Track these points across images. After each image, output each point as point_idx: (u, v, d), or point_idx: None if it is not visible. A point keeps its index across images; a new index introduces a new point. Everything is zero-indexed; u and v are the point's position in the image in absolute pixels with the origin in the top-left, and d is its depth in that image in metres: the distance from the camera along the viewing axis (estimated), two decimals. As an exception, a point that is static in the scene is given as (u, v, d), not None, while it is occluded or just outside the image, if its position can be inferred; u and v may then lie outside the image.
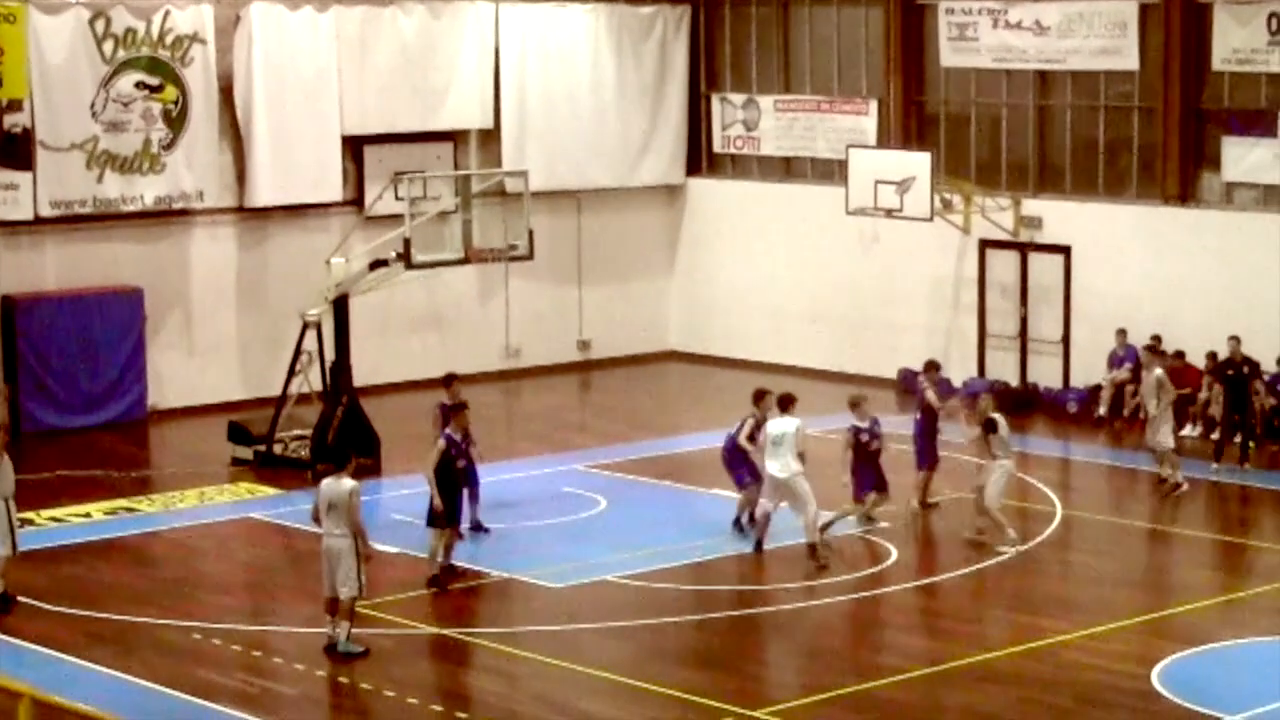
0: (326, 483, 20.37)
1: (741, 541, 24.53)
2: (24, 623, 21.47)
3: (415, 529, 23.81)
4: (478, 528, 24.62)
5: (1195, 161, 32.10)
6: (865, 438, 24.72)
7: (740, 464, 24.89)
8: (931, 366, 27.07)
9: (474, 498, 24.53)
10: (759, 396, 24.86)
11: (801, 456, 23.56)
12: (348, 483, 20.22)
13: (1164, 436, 27.11)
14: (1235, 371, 28.64)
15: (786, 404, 24.09)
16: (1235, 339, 28.89)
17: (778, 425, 23.74)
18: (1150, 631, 21.00)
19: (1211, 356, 30.68)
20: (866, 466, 24.76)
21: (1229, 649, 20.56)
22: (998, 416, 24.69)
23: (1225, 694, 18.93)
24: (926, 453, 26.21)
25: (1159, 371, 27.63)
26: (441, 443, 22.79)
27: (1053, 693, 19.17)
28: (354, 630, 20.30)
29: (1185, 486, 26.99)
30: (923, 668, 19.93)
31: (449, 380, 25.55)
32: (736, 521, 24.97)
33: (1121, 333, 31.89)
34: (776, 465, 23.60)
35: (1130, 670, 19.64)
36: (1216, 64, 31.49)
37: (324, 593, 20.51)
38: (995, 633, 21.07)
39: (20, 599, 21.91)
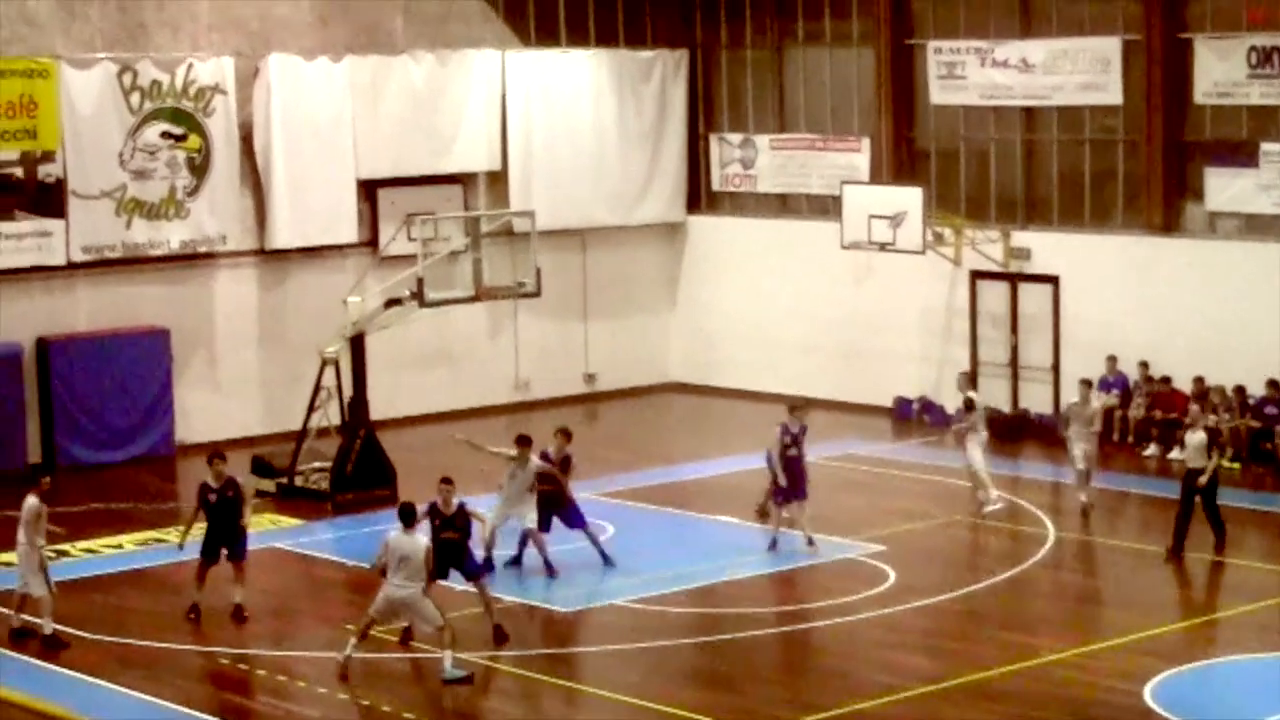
0: (396, 537, 20.33)
1: (752, 561, 24.59)
2: (59, 647, 21.47)
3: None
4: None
5: (1179, 192, 32.07)
6: (787, 440, 24.94)
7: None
8: (795, 407, 26.00)
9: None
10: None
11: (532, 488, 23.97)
12: (422, 540, 20.38)
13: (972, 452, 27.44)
14: None
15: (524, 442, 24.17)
16: None
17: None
18: (1142, 650, 20.92)
19: (1198, 381, 30.66)
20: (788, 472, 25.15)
21: (1219, 666, 20.51)
22: (973, 395, 27.24)
23: (1216, 710, 18.91)
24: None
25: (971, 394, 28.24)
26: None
27: (1047, 710, 19.11)
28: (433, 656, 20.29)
29: (999, 505, 27.32)
30: (920, 686, 19.88)
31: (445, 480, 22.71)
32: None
33: (1111, 359, 31.84)
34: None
35: (1123, 687, 19.57)
36: (1198, 97, 31.48)
37: (371, 621, 20.50)
38: (990, 652, 20.98)
39: (56, 627, 21.86)
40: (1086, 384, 27.97)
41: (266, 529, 27.06)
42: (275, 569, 25.26)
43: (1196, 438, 25.01)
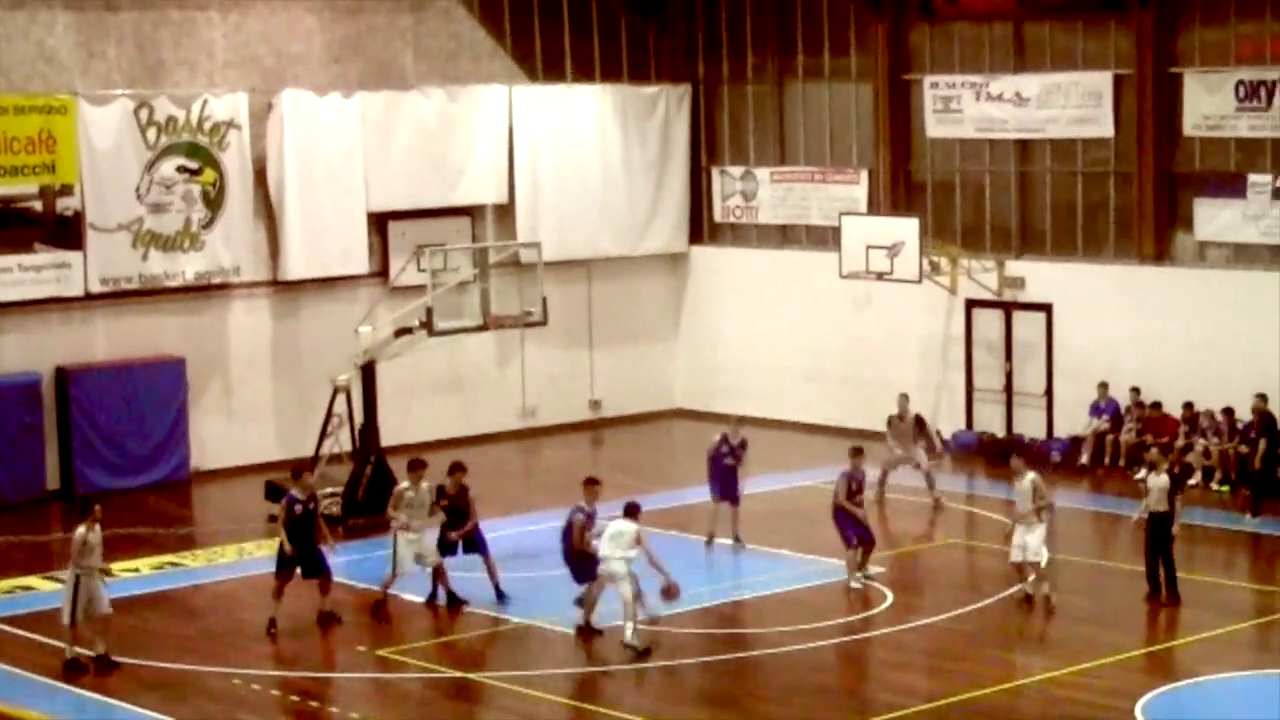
0: (614, 523, 22.35)
1: (754, 586, 24.56)
2: (79, 671, 21.55)
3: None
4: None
5: (1169, 222, 32.19)
6: (854, 487, 24.78)
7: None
8: (856, 452, 25.43)
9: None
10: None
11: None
12: (632, 525, 22.32)
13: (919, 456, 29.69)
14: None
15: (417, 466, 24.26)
16: None
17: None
18: (1133, 668, 21.02)
19: (1188, 406, 30.76)
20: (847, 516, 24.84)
21: (1208, 683, 20.57)
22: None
23: (1205, 725, 18.97)
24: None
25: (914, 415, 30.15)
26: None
27: (1042, 726, 19.22)
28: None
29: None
30: (919, 704, 19.97)
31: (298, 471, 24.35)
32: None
33: (1103, 385, 31.94)
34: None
35: (1115, 705, 19.66)
36: (1188, 130, 31.61)
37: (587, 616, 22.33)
38: (987, 671, 21.06)
39: (78, 650, 21.93)
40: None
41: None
42: (289, 592, 25.30)
43: (1160, 481, 23.75)
